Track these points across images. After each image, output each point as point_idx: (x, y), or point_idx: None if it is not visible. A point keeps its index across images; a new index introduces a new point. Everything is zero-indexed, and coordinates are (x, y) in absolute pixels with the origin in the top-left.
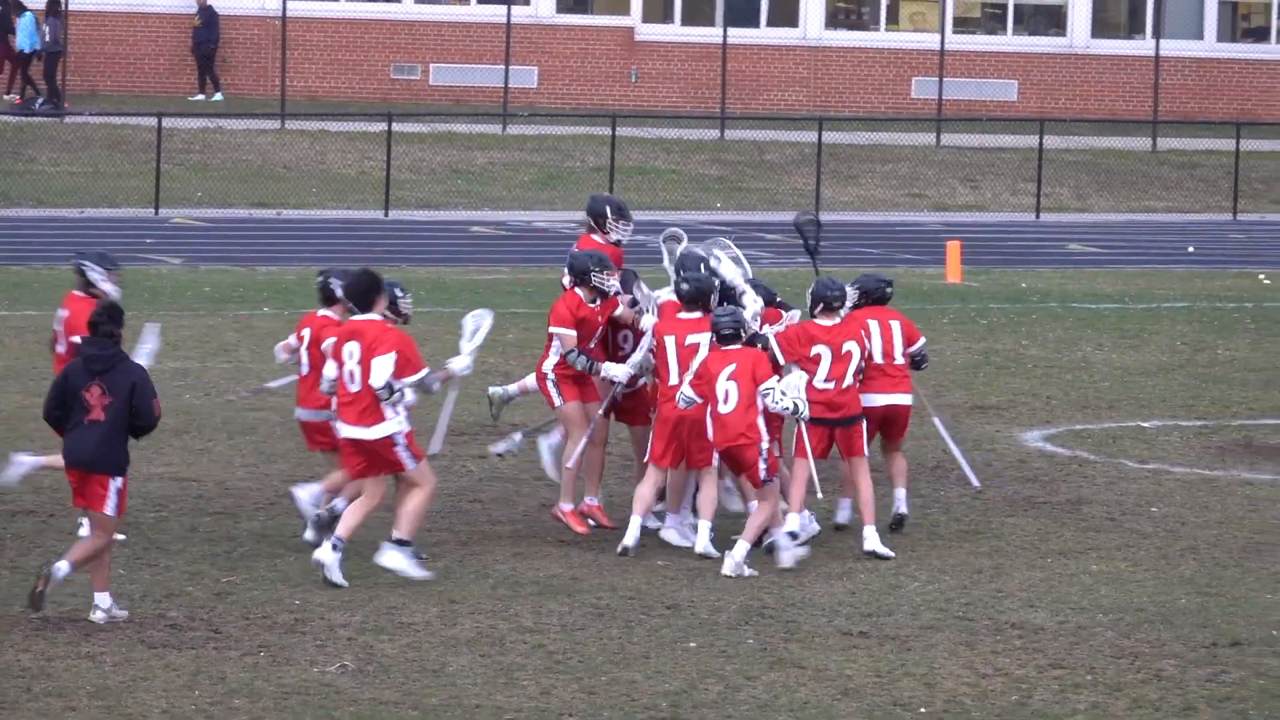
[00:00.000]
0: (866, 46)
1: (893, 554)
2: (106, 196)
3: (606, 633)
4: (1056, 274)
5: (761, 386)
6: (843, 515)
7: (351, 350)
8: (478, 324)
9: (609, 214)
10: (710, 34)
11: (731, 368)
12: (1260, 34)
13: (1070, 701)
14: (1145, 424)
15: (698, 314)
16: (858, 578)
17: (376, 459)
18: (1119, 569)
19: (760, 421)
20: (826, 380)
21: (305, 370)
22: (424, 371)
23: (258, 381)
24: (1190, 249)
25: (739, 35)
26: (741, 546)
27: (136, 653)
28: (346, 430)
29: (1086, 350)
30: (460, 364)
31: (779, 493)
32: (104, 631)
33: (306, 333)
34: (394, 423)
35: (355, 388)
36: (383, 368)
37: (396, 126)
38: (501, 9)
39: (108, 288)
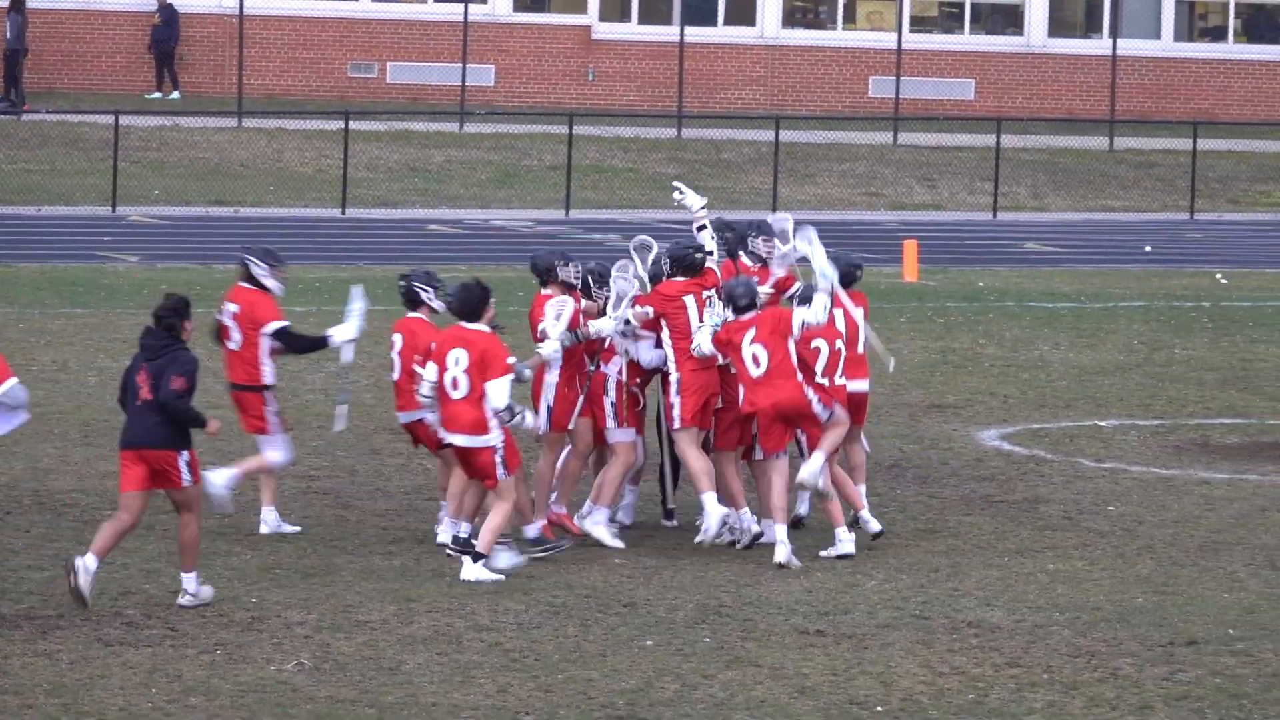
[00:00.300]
0: (824, 45)
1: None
2: (63, 195)
3: (563, 631)
4: (1013, 273)
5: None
6: (803, 508)
7: (458, 358)
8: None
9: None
10: (667, 33)
11: (752, 332)
12: (1217, 33)
13: (1027, 700)
14: (1102, 423)
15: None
16: (815, 576)
17: (469, 465)
18: (1076, 568)
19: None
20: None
21: (397, 374)
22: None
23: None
24: (1147, 248)
25: (696, 34)
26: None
27: (93, 650)
28: (451, 437)
29: (1043, 349)
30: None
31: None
32: (60, 629)
33: (398, 338)
34: (497, 435)
35: (458, 394)
36: (501, 390)
37: (354, 125)
38: (459, 8)
39: (271, 283)
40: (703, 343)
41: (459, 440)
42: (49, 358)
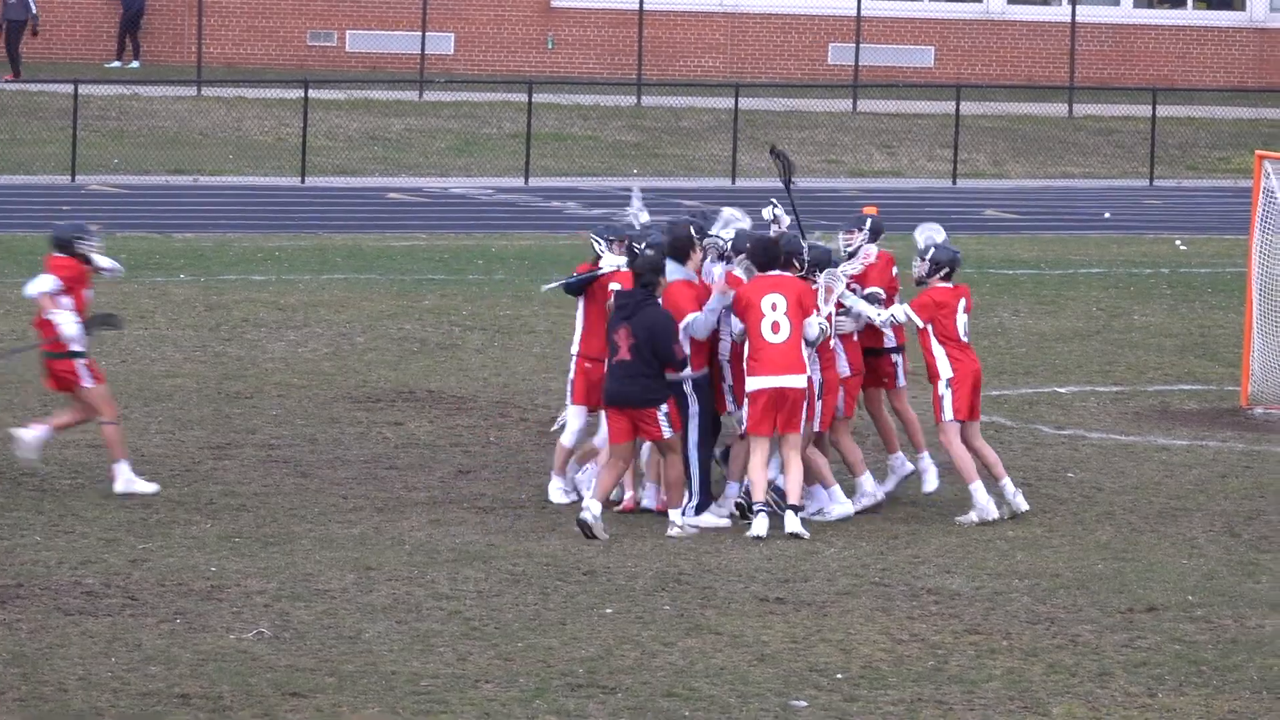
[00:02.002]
0: (783, 13)
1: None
2: (23, 164)
3: (523, 599)
4: (973, 240)
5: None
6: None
7: (774, 302)
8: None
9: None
10: (627, 0)
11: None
12: (1176, 0)
13: (986, 667)
14: (1061, 390)
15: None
16: (774, 544)
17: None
18: (1035, 534)
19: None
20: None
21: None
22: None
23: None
24: (1107, 215)
25: (656, 2)
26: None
27: (53, 620)
28: (772, 381)
29: (1003, 316)
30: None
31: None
32: (20, 598)
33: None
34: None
35: (778, 339)
36: (813, 325)
37: (313, 93)
38: None
39: (611, 259)
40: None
41: (778, 383)
42: (7, 327)
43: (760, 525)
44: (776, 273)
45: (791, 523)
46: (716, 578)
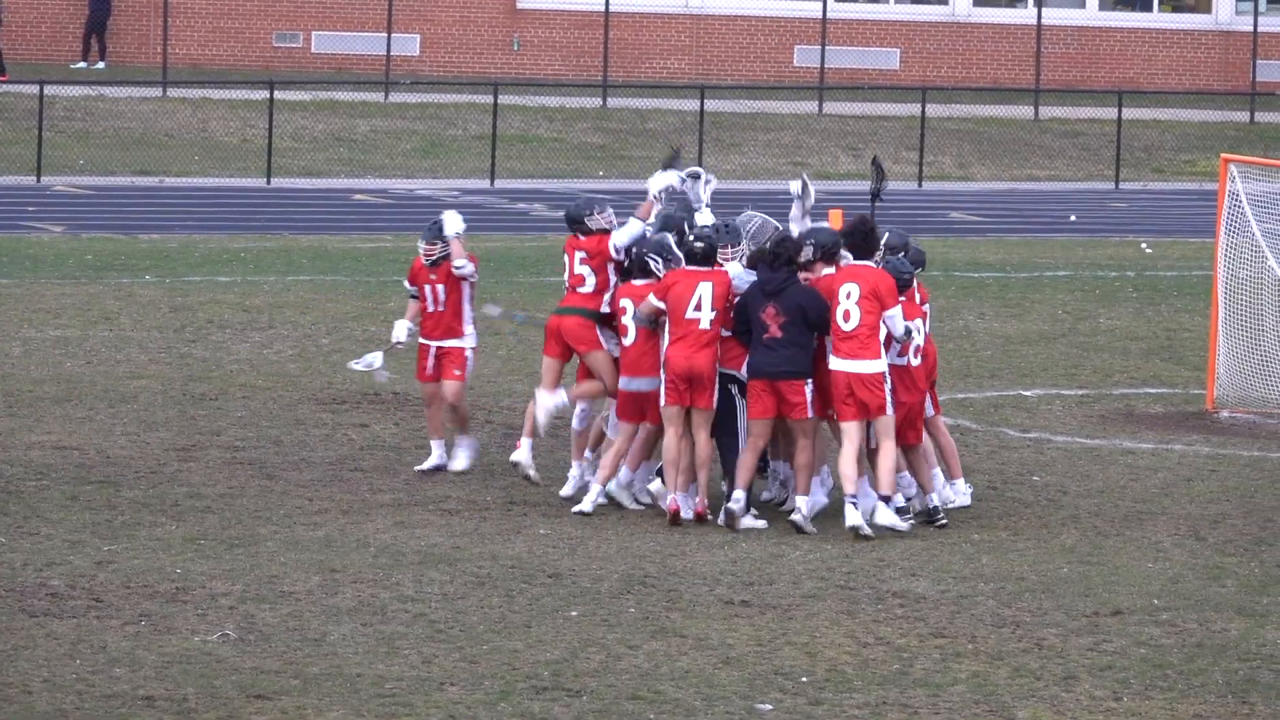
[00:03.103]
0: (749, 15)
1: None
2: None
3: (488, 601)
4: (939, 242)
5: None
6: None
7: (849, 291)
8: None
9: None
10: (593, 2)
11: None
12: (1143, 3)
13: (952, 670)
14: (1027, 393)
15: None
16: (739, 546)
17: (864, 393)
18: (1000, 538)
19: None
20: None
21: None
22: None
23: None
24: (1072, 217)
25: (622, 3)
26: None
27: (17, 621)
28: (841, 364)
29: (968, 319)
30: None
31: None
32: None
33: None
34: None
35: (849, 326)
36: (897, 316)
37: (279, 94)
38: None
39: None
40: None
41: (848, 367)
42: None
43: (853, 516)
44: (863, 262)
45: (883, 514)
46: (682, 580)
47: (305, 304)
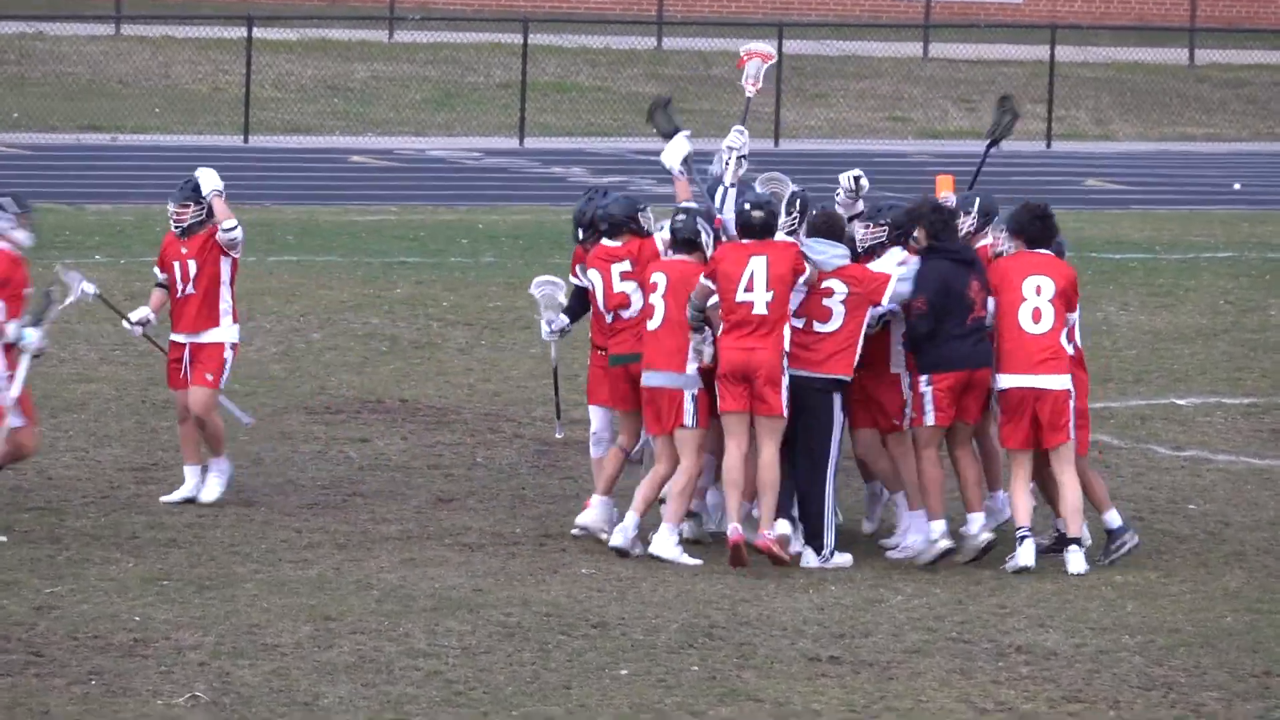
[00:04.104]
0: None
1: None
2: None
3: (518, 657)
4: (1071, 216)
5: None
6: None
7: (1040, 285)
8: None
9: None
10: None
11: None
12: None
13: None
14: (1180, 401)
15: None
16: (828, 590)
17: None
18: (1149, 580)
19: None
20: None
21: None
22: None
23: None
24: (1236, 185)
25: None
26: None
27: None
28: (1022, 378)
29: (1109, 310)
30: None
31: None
32: None
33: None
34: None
35: (1041, 329)
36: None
37: (258, 32)
38: None
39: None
40: None
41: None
42: None
43: (1027, 554)
44: (1042, 251)
45: (1074, 560)
46: (756, 631)
47: (291, 290)
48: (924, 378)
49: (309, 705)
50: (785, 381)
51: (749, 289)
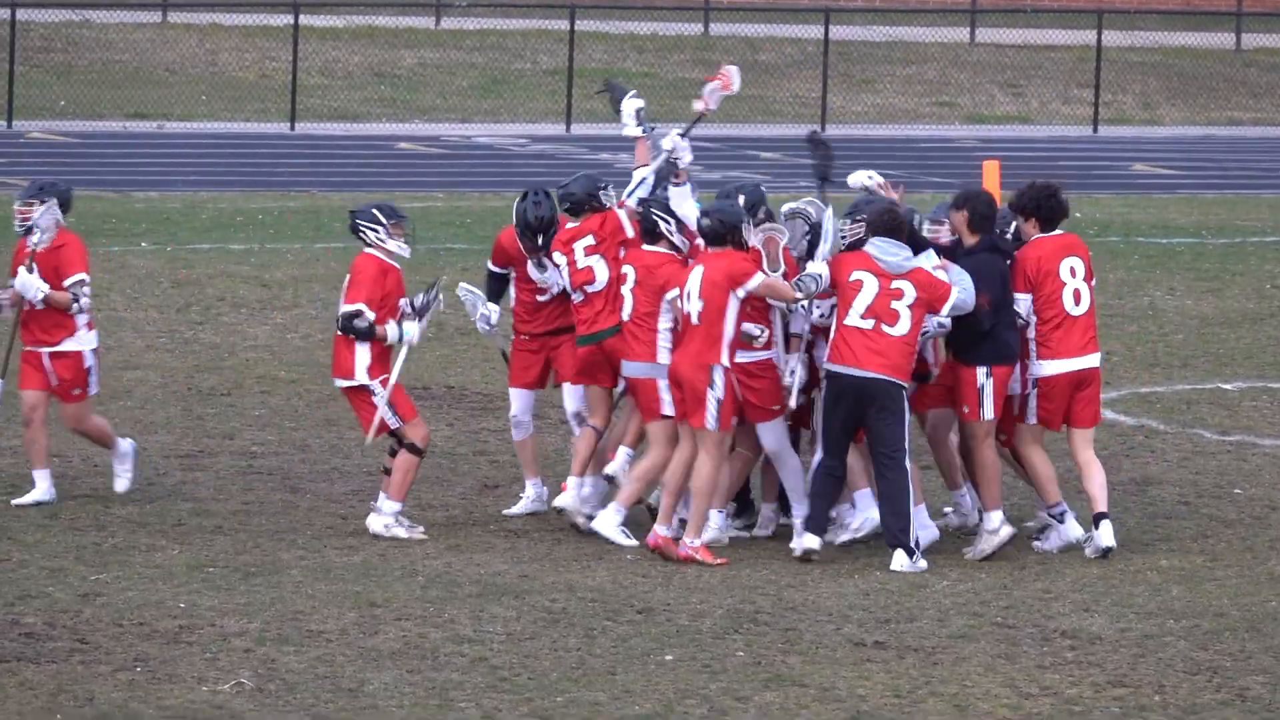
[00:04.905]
0: None
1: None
2: None
3: (563, 643)
4: (1118, 200)
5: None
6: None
7: (1073, 266)
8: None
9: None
10: None
11: None
12: None
13: None
14: (1227, 386)
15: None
16: (873, 575)
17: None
18: (1194, 565)
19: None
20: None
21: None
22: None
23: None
24: None
25: None
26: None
27: None
28: (1071, 362)
29: (1155, 295)
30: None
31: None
32: None
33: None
34: None
35: (1081, 309)
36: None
37: (304, 19)
38: None
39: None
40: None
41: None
42: None
43: (1107, 535)
44: (1059, 232)
45: (1105, 535)
46: (801, 617)
47: (337, 277)
48: (983, 369)
49: (354, 692)
50: (715, 395)
51: (688, 298)
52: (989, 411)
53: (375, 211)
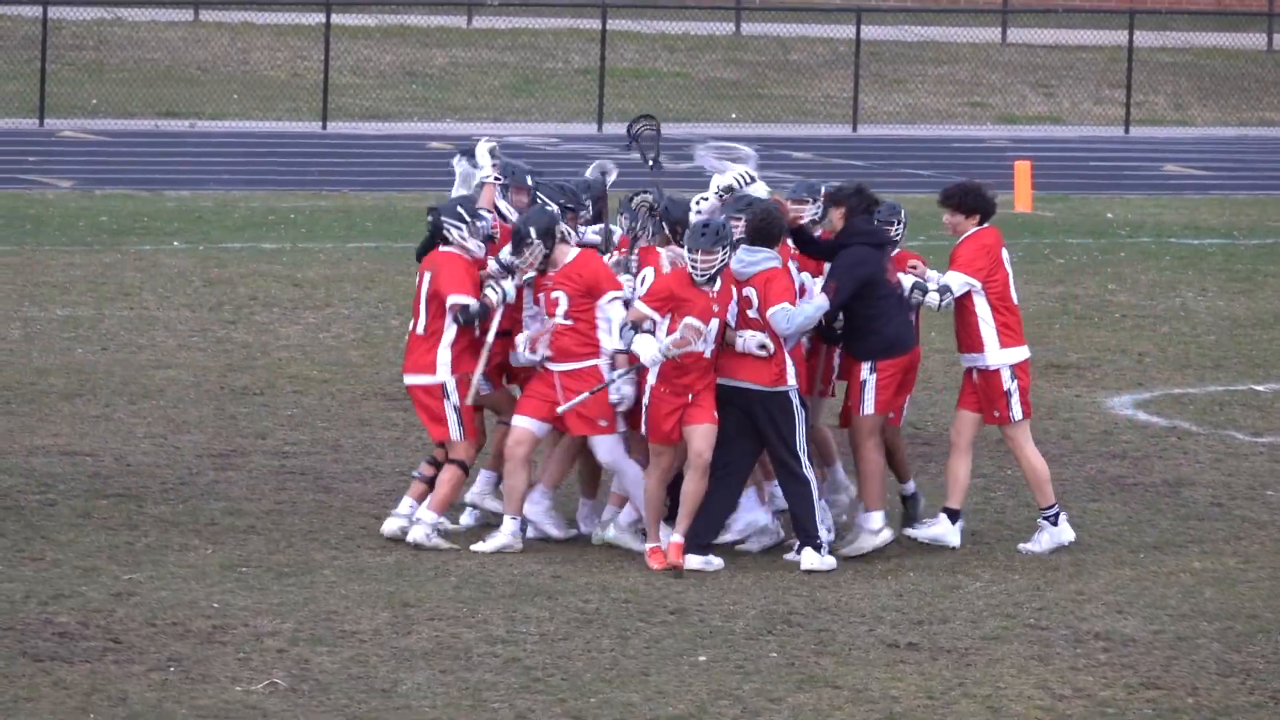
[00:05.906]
0: None
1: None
2: None
3: (596, 644)
4: (1150, 201)
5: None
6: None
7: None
8: None
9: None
10: None
11: None
12: None
13: None
14: (1259, 387)
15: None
16: (906, 577)
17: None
18: (1227, 567)
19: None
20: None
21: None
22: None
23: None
24: None
25: None
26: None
27: (18, 667)
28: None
29: (1187, 296)
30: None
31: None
32: None
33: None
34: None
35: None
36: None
37: (336, 18)
38: None
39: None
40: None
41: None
42: None
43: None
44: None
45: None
46: (834, 618)
47: (369, 277)
48: (867, 365)
49: (387, 692)
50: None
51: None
52: (869, 406)
53: (460, 210)
